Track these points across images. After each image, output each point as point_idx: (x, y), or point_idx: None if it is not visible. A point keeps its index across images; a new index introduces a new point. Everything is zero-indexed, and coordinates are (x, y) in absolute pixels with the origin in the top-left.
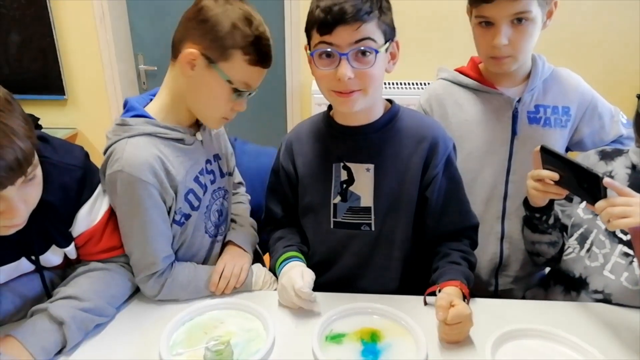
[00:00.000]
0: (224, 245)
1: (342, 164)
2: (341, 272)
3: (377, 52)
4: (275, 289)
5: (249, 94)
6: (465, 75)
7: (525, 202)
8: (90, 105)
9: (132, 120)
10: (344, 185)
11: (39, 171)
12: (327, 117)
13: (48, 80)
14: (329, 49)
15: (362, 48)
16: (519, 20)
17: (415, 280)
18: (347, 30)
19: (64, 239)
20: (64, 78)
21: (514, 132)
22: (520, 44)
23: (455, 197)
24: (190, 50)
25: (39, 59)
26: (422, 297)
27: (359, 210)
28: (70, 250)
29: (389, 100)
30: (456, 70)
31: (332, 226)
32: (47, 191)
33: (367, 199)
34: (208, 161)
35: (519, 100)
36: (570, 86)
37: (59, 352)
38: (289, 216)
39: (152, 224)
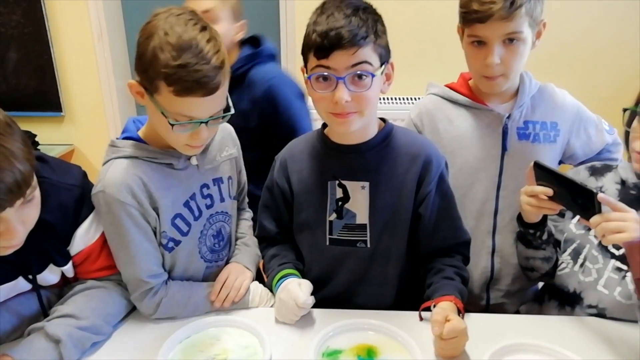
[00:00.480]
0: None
1: (337, 182)
2: (337, 288)
3: (373, 75)
4: (272, 306)
5: (207, 122)
6: (455, 91)
7: (519, 218)
8: (87, 121)
9: (121, 143)
10: (340, 203)
11: (37, 192)
12: (322, 135)
13: (45, 97)
14: (325, 73)
15: (359, 72)
16: (511, 40)
17: (410, 295)
18: (343, 54)
19: (62, 258)
20: (61, 95)
21: (504, 148)
22: (512, 64)
23: (447, 214)
24: (131, 82)
25: (36, 76)
26: (417, 313)
27: (355, 228)
28: (68, 269)
29: (382, 119)
30: (446, 86)
31: (327, 243)
32: (45, 210)
33: (362, 216)
34: (205, 185)
35: (508, 117)
36: (557, 102)
37: None
38: (282, 233)
39: (134, 243)
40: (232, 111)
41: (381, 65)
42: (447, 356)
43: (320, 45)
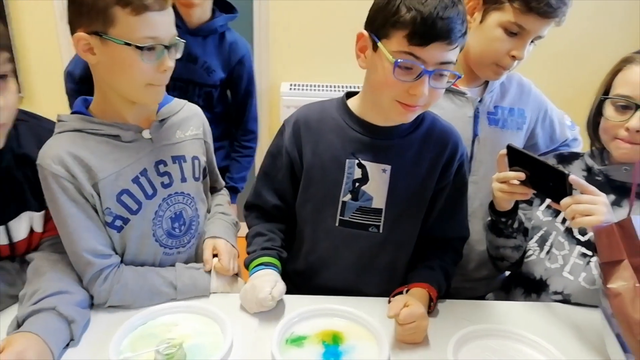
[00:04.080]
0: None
1: (357, 161)
2: (341, 273)
3: (459, 76)
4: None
5: (168, 47)
6: None
7: (491, 207)
8: (48, 103)
9: (66, 117)
10: (357, 184)
11: (13, 84)
12: (344, 107)
13: None
14: (414, 62)
15: (444, 71)
16: (533, 40)
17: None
18: (441, 49)
19: (37, 202)
20: (20, 76)
21: (475, 133)
22: (522, 61)
23: (455, 206)
24: (77, 35)
25: None
26: (388, 299)
27: (369, 211)
28: (38, 220)
29: None
30: None
31: (337, 224)
32: (23, 145)
33: (379, 201)
34: (161, 162)
35: (480, 101)
36: (524, 90)
37: None
38: (280, 207)
39: (72, 219)
40: (184, 41)
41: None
42: (407, 341)
43: (420, 31)
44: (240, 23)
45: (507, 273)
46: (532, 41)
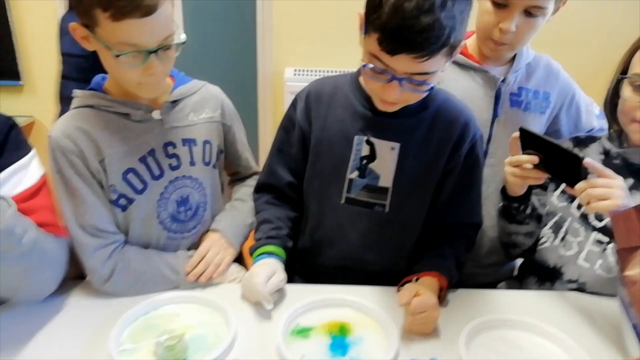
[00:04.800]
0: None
1: (365, 138)
2: (346, 251)
3: (432, 87)
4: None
5: (155, 51)
6: None
7: (503, 192)
8: (48, 92)
9: (80, 93)
10: (364, 161)
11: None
12: (356, 83)
13: (3, 66)
14: (382, 69)
15: (419, 82)
16: (530, 13)
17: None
18: (408, 60)
19: None
20: (20, 63)
21: (495, 114)
22: (524, 36)
23: (467, 190)
24: (72, 24)
25: None
26: (396, 288)
27: (376, 190)
28: None
29: None
30: None
31: (343, 201)
32: None
33: (386, 179)
34: (170, 144)
35: (503, 81)
36: (552, 73)
37: None
38: (294, 185)
39: (77, 193)
40: (184, 40)
41: (449, 59)
42: (417, 332)
43: (387, 40)
44: (243, 8)
45: (519, 262)
46: (531, 14)
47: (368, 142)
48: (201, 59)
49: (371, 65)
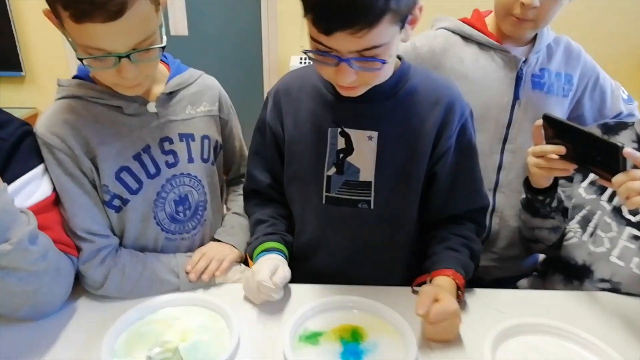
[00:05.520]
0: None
1: (339, 130)
2: (333, 257)
3: (384, 62)
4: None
5: (127, 56)
6: (470, 27)
7: (526, 184)
8: (50, 82)
9: (66, 82)
10: (341, 155)
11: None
12: None
13: (3, 56)
14: (325, 52)
15: (366, 59)
16: None
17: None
18: (347, 37)
19: None
20: (21, 53)
21: (516, 97)
22: (549, 11)
23: (466, 174)
24: (44, 10)
25: None
26: (411, 288)
27: (357, 185)
28: None
29: (398, 57)
30: (460, 20)
31: (323, 201)
32: None
33: (367, 173)
34: (167, 139)
35: (524, 61)
36: (573, 54)
37: None
38: (276, 186)
39: (67, 194)
40: (164, 44)
41: (402, 25)
42: (437, 340)
43: (319, 19)
44: (249, 23)
45: (542, 257)
46: None
47: (342, 134)
48: (206, 48)
49: (311, 52)
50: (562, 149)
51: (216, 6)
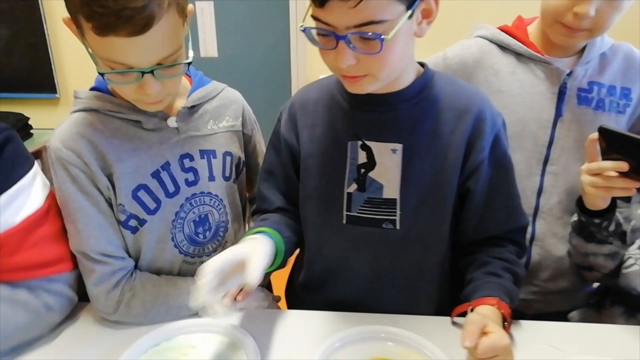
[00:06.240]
0: None
1: (360, 143)
2: (354, 284)
3: (382, 39)
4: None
5: (152, 71)
6: (509, 35)
7: (579, 205)
8: None
9: (84, 94)
10: (362, 170)
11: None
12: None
13: (39, 78)
14: (323, 29)
15: (362, 33)
16: None
17: (457, 300)
18: (342, 8)
19: None
20: (56, 75)
21: (558, 113)
22: (607, 21)
23: (503, 190)
24: (64, 18)
25: (29, 54)
26: (450, 319)
27: (381, 203)
28: None
29: (421, 64)
30: (499, 28)
31: (344, 221)
32: None
33: (391, 189)
34: (187, 156)
35: (569, 74)
36: (634, 64)
37: None
38: (288, 208)
39: (82, 213)
40: (190, 59)
41: (409, 7)
42: None
43: None
44: (276, 14)
45: (596, 285)
46: None
47: (364, 147)
48: (235, 69)
49: (307, 28)
50: (624, 165)
51: (245, 28)
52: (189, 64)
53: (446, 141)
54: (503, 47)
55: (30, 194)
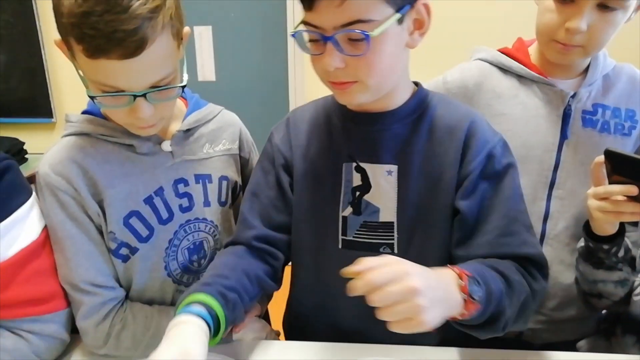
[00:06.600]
0: None
1: (354, 165)
2: (351, 311)
3: (368, 37)
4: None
5: (144, 95)
6: (510, 58)
7: (586, 230)
8: None
9: (76, 117)
10: (357, 193)
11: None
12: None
13: (35, 102)
14: (312, 32)
15: (349, 31)
16: (606, 6)
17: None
18: (329, 6)
19: None
20: (53, 100)
21: (563, 136)
22: (600, 36)
23: (500, 209)
24: (56, 40)
25: (26, 79)
26: (465, 350)
27: (377, 227)
28: None
29: (415, 83)
30: (499, 50)
31: (340, 246)
32: None
33: (388, 212)
34: (181, 181)
35: (573, 96)
36: (637, 86)
37: None
38: (263, 236)
39: (71, 241)
40: (185, 82)
41: (398, 11)
42: (402, 328)
43: None
44: (274, 37)
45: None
46: (607, 7)
47: (358, 170)
48: (233, 93)
49: (297, 32)
50: (633, 189)
51: (243, 52)
52: (184, 87)
53: (441, 160)
54: (504, 70)
55: (25, 225)
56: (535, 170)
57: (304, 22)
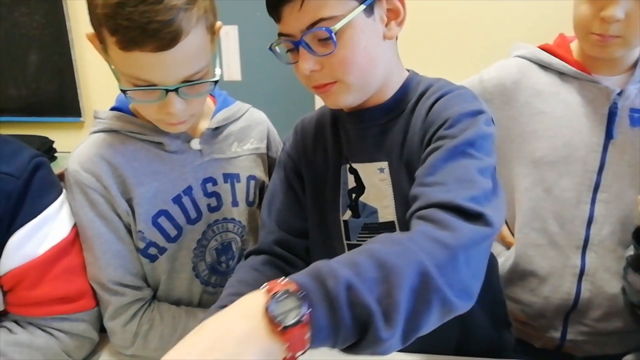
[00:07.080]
0: None
1: (348, 166)
2: None
3: (331, 32)
4: None
5: (176, 90)
6: (551, 54)
7: (636, 236)
8: None
9: (104, 114)
10: (353, 195)
11: None
12: None
13: (64, 102)
14: (284, 40)
15: (313, 30)
16: None
17: (478, 336)
18: (291, 12)
19: None
20: (81, 99)
21: (609, 135)
22: (639, 24)
23: (431, 156)
24: (88, 33)
25: (56, 79)
26: None
27: (379, 228)
28: None
29: (408, 70)
30: (540, 47)
31: (345, 251)
32: None
33: (386, 212)
34: (210, 180)
35: (619, 93)
36: None
37: None
38: (281, 240)
39: (100, 240)
40: (217, 77)
41: (363, 2)
42: None
43: (270, 8)
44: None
45: None
46: None
47: (351, 171)
48: (259, 93)
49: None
50: None
51: (270, 51)
52: (216, 82)
53: (416, 145)
54: (544, 67)
55: (55, 222)
56: (578, 172)
57: (279, 35)
